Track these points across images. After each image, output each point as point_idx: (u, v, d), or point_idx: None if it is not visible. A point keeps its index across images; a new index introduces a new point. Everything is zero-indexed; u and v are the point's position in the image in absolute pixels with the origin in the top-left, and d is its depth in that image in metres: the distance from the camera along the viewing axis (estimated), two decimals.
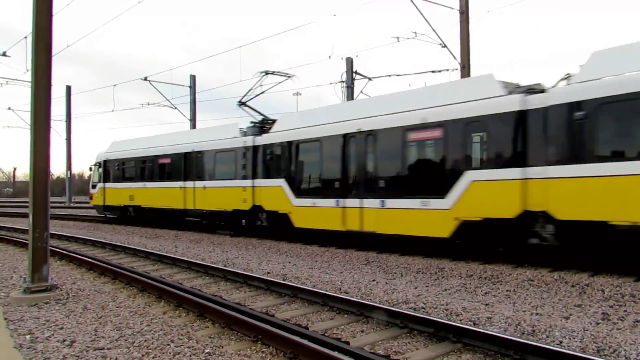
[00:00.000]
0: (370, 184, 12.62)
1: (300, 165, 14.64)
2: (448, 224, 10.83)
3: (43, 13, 8.14)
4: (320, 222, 13.86)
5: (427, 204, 11.26)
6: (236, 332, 6.10)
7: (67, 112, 36.32)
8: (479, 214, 10.40)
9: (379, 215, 12.28)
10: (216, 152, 17.58)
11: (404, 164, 11.92)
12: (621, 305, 7.17)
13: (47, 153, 8.17)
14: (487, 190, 10.29)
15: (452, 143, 10.93)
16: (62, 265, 11.78)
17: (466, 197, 10.57)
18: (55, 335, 6.00)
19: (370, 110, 12.93)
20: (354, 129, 12.99)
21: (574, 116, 9.05)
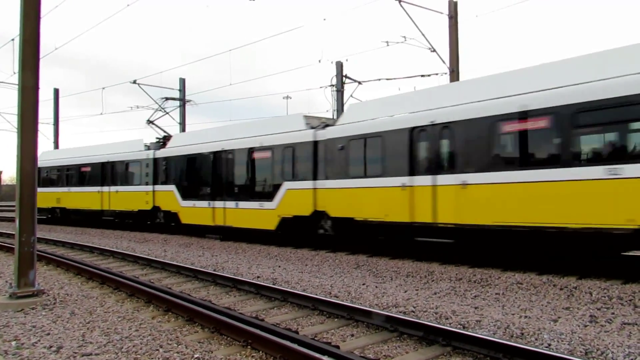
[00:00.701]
0: (229, 191, 16.85)
1: (185, 175, 18.98)
2: (274, 220, 14.99)
3: (31, 15, 8.07)
4: (198, 219, 18.07)
5: (262, 206, 15.42)
6: (226, 336, 6.07)
7: (54, 115, 35.93)
8: (291, 213, 14.60)
9: (235, 213, 16.45)
10: (126, 163, 21.79)
11: (249, 176, 16.20)
12: (609, 307, 7.23)
13: (35, 156, 8.10)
14: (295, 196, 14.51)
15: (276, 161, 15.14)
16: (49, 270, 11.65)
17: (284, 201, 14.80)
18: (42, 341, 5.92)
19: (231, 134, 17.29)
20: (219, 148, 17.29)
21: (337, 147, 13.42)
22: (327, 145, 13.66)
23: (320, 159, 13.86)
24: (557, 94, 9.24)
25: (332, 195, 13.42)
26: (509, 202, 9.77)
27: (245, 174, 16.24)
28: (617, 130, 8.70)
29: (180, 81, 29.49)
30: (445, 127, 10.95)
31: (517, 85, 10.04)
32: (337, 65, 23.23)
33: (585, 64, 9.34)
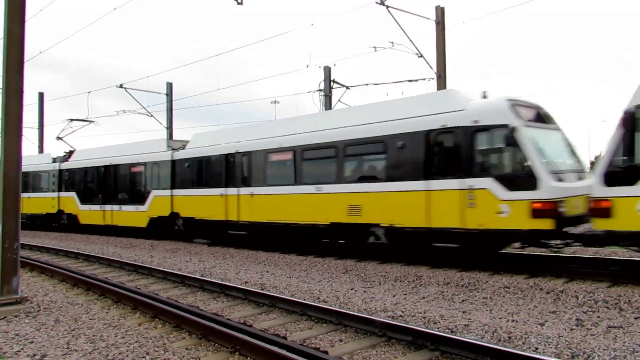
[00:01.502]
0: (115, 196, 21.40)
1: (82, 184, 23.36)
2: (145, 219, 19.83)
3: (15, 19, 7.98)
4: (91, 219, 22.67)
5: (138, 208, 20.14)
6: (213, 343, 6.02)
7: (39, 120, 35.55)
8: (157, 214, 19.41)
9: (119, 214, 21.08)
10: (37, 173, 25.89)
11: (129, 185, 21.02)
12: (594, 311, 7.29)
13: (19, 161, 7.99)
14: (160, 201, 19.30)
15: (147, 175, 20.07)
16: (33, 277, 11.49)
17: (152, 205, 19.66)
18: (25, 349, 5.82)
19: (116, 151, 21.83)
20: (108, 163, 21.88)
21: (185, 165, 18.29)
22: (179, 163, 18.65)
23: (176, 173, 18.74)
24: (297, 138, 14.29)
25: (182, 201, 18.38)
26: (275, 206, 14.75)
27: (126, 184, 21.22)
28: (320, 162, 13.72)
29: (167, 85, 29.38)
30: (244, 154, 15.99)
31: (281, 130, 15.13)
32: (325, 70, 23.31)
33: (309, 121, 14.52)
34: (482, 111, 10.53)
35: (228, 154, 16.46)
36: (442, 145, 11.02)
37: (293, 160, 14.19)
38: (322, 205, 13.29)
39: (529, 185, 9.67)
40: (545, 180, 9.55)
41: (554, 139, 10.87)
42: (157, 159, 19.53)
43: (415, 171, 11.40)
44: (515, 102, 10.55)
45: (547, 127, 10.90)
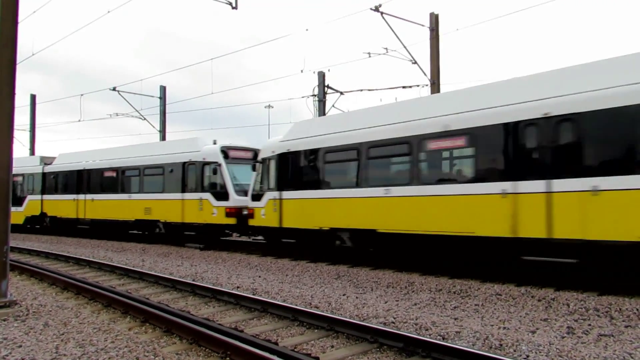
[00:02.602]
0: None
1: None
2: (22, 218, 25.95)
3: (8, 20, 7.94)
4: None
5: (17, 209, 25.58)
6: (204, 348, 5.98)
7: (31, 122, 35.35)
8: (30, 214, 25.77)
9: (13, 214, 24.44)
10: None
11: (19, 191, 26.08)
12: (585, 319, 7.31)
13: (9, 163, 7.93)
14: (32, 203, 25.72)
15: (24, 183, 25.99)
16: (23, 280, 11.39)
17: (27, 206, 26.03)
18: (13, 353, 5.75)
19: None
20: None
21: (51, 177, 24.33)
22: (48, 175, 24.97)
23: (45, 183, 25.15)
24: (113, 162, 21.88)
25: (49, 203, 24.92)
26: (107, 208, 21.88)
27: (18, 190, 26.40)
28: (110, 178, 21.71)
29: (160, 89, 29.33)
30: (88, 171, 22.78)
31: (108, 155, 22.62)
32: (319, 75, 23.34)
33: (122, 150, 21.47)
34: (207, 153, 17.85)
35: (79, 170, 23.32)
36: (189, 171, 18.35)
37: (116, 176, 21.38)
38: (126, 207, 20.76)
39: (225, 197, 16.95)
40: (233, 195, 16.90)
41: (244, 169, 17.45)
42: (31, 171, 26.09)
43: (177, 187, 18.74)
44: (226, 147, 17.82)
45: (243, 162, 17.87)
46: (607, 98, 8.61)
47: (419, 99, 12.97)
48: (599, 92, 8.76)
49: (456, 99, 11.13)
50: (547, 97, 9.46)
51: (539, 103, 9.49)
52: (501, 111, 9.99)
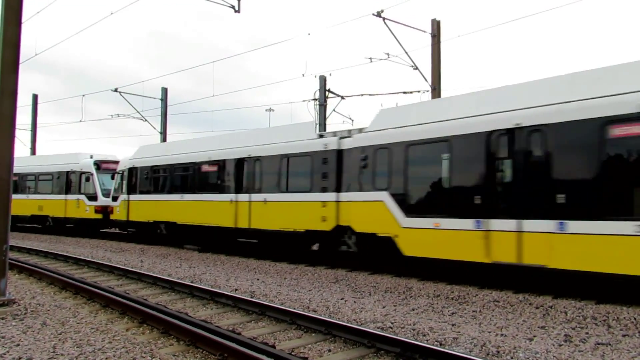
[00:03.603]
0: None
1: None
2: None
3: (11, 21, 7.98)
4: None
5: None
6: (201, 350, 5.99)
7: (32, 122, 35.39)
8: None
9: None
10: None
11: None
12: (583, 327, 7.32)
13: (10, 163, 7.96)
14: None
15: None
16: (21, 279, 11.39)
17: None
18: (11, 352, 5.76)
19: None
20: None
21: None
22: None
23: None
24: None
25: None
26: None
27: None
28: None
29: (162, 90, 29.37)
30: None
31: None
32: (320, 80, 23.39)
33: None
34: (83, 165, 24.07)
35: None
36: (71, 178, 24.49)
37: (18, 180, 25.79)
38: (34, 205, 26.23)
39: (95, 199, 23.21)
40: (100, 197, 23.10)
41: (109, 177, 22.75)
42: None
43: (62, 190, 24.75)
44: (98, 161, 24.02)
45: (110, 171, 23.13)
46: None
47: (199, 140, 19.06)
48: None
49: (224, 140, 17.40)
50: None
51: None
52: None
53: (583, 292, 9.20)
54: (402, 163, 11.60)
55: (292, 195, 14.15)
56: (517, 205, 9.54)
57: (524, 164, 9.54)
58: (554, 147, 9.15)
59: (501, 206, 9.80)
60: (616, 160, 8.55)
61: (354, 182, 12.70)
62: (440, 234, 10.71)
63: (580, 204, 8.73)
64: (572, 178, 8.96)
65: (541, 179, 9.27)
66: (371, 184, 12.28)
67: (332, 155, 13.31)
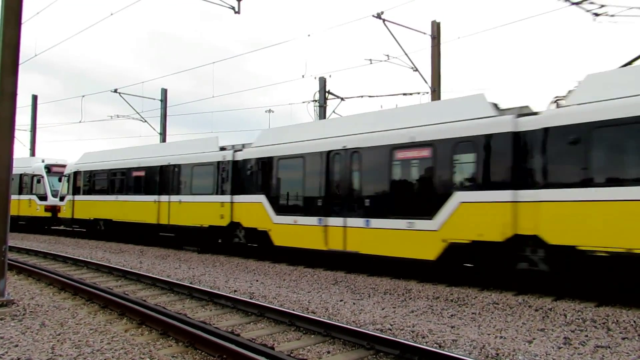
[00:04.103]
0: None
1: None
2: None
3: (11, 21, 7.98)
4: None
5: None
6: (200, 351, 5.98)
7: (32, 122, 35.39)
8: None
9: None
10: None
11: None
12: (582, 330, 7.31)
13: (10, 163, 7.95)
14: None
15: None
16: (20, 280, 11.38)
17: None
18: (9, 353, 5.75)
19: None
20: None
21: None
22: None
23: None
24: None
25: None
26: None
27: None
28: None
29: (162, 91, 29.37)
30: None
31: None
32: (320, 81, 23.40)
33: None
34: (35, 168, 26.33)
35: None
36: (24, 180, 26.79)
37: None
38: None
39: (45, 199, 25.90)
40: (50, 197, 25.64)
41: (58, 179, 25.69)
42: None
43: (16, 190, 26.41)
44: (48, 165, 26.24)
45: (59, 174, 25.66)
46: None
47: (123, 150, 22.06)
48: None
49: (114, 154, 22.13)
50: None
51: None
52: None
53: (583, 295, 9.19)
54: (274, 173, 14.70)
55: (199, 197, 16.98)
56: (343, 207, 12.68)
57: (349, 176, 12.70)
58: (363, 164, 12.37)
59: (334, 208, 12.85)
60: (396, 175, 11.71)
61: (243, 186, 15.65)
62: (297, 228, 13.71)
63: (377, 206, 11.94)
64: (372, 187, 12.21)
65: (356, 188, 12.48)
66: (254, 189, 15.18)
67: (228, 165, 16.16)
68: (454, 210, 10.44)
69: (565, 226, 8.96)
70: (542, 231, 9.24)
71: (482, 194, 10.08)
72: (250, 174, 15.35)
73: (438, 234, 10.61)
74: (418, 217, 10.96)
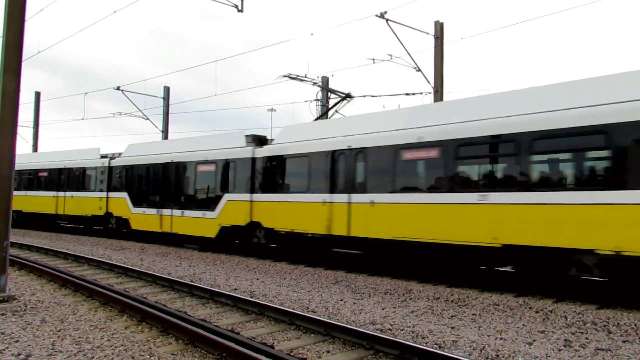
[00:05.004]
0: None
1: None
2: None
3: (15, 18, 7.99)
4: None
5: None
6: (200, 349, 5.98)
7: (35, 119, 35.46)
8: None
9: None
10: None
11: None
12: (583, 332, 7.30)
13: (12, 160, 7.96)
14: None
15: None
16: (22, 276, 11.40)
17: None
18: (10, 348, 5.76)
19: None
20: None
21: None
22: None
23: None
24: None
25: None
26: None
27: None
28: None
29: (164, 89, 29.39)
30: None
31: None
32: (323, 80, 23.37)
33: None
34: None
35: None
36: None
37: None
38: None
39: None
40: None
41: None
42: None
43: None
44: None
45: None
46: None
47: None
48: None
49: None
50: None
51: None
52: None
53: (584, 297, 9.19)
54: (132, 178, 20.42)
55: (86, 193, 22.70)
56: (170, 203, 18.37)
57: (173, 183, 18.69)
58: (179, 174, 18.57)
59: (165, 203, 18.59)
60: (197, 180, 17.66)
61: (115, 186, 21.23)
62: (145, 217, 19.45)
63: (188, 203, 17.86)
64: (185, 190, 18.22)
65: (175, 191, 18.43)
66: (121, 188, 20.86)
67: (105, 169, 21.70)
68: (224, 205, 16.20)
69: (269, 216, 14.80)
70: (261, 219, 15.07)
71: (237, 196, 15.86)
72: (119, 177, 21.11)
73: (217, 220, 16.33)
74: (207, 210, 16.66)
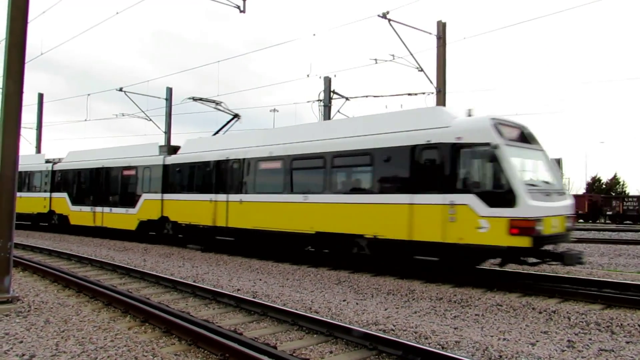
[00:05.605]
0: None
1: None
2: None
3: (18, 19, 8.01)
4: None
5: None
6: (203, 350, 5.99)
7: (38, 120, 35.51)
8: None
9: None
10: None
11: None
12: (586, 333, 7.29)
13: (15, 161, 7.99)
14: None
15: None
16: (25, 277, 11.43)
17: None
18: (14, 349, 5.79)
19: None
20: None
21: None
22: None
23: None
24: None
25: None
26: None
27: None
28: None
29: (167, 90, 29.42)
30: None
31: None
32: (325, 81, 23.39)
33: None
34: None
35: None
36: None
37: None
38: None
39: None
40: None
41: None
42: None
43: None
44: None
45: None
46: None
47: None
48: None
49: None
50: None
51: None
52: None
53: (587, 298, 9.17)
54: (71, 180, 23.89)
55: (34, 194, 25.96)
56: (101, 201, 21.96)
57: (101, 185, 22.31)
58: (110, 178, 22.05)
59: (97, 202, 22.16)
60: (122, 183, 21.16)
61: (57, 187, 24.54)
62: (82, 213, 22.84)
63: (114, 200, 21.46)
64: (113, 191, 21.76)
65: (104, 192, 21.98)
66: (61, 189, 24.22)
67: (49, 173, 24.98)
68: (142, 203, 19.68)
69: (174, 212, 18.30)
70: (169, 214, 18.52)
71: (152, 195, 19.26)
72: (60, 179, 24.56)
73: (136, 216, 19.83)
74: (130, 207, 20.17)
